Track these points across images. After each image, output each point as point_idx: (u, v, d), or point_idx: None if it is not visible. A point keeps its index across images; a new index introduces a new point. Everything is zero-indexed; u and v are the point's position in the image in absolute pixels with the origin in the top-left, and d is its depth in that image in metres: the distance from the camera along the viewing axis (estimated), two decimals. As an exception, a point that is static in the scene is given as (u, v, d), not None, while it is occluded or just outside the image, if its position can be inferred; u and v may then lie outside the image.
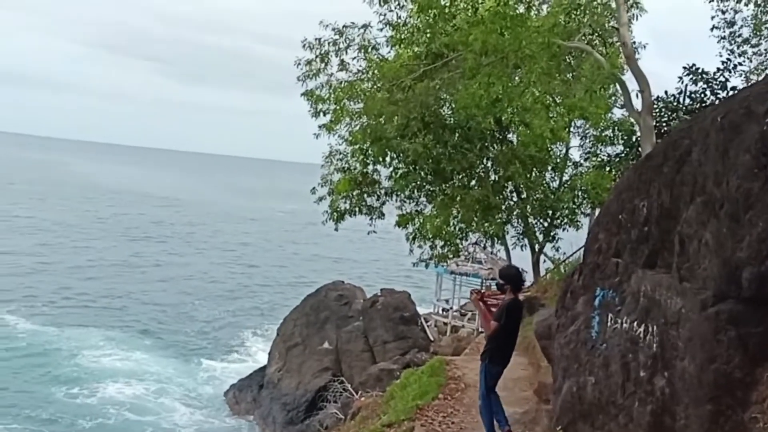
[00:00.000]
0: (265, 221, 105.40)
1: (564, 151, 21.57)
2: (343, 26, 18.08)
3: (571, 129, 20.95)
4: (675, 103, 16.29)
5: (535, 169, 20.34)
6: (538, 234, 20.68)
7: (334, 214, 19.80)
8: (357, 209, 19.85)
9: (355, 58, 18.68)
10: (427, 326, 30.50)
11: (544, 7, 17.09)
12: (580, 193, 19.89)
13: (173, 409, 30.22)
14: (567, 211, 20.08)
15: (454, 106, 18.39)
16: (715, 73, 16.01)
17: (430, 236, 19.23)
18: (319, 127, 19.25)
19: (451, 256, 21.22)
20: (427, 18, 17.10)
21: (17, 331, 38.26)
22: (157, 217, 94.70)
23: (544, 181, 20.78)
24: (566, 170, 21.18)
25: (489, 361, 7.64)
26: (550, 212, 20.22)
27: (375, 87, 18.73)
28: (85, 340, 37.46)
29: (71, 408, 29.33)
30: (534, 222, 20.66)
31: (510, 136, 20.88)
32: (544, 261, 21.67)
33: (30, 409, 28.69)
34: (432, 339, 29.38)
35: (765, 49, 17.35)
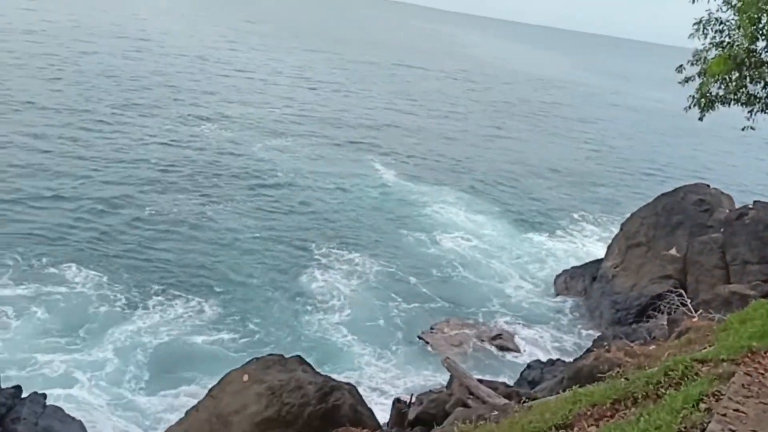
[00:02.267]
0: (633, 110, 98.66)
1: None
2: None
3: None
4: None
5: None
6: None
7: (702, 100, 16.31)
8: (734, 97, 16.01)
9: None
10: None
11: None
12: None
13: (505, 277, 31.10)
14: None
15: None
16: None
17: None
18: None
19: None
20: None
21: (384, 180, 43.27)
22: (524, 95, 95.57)
23: None
24: None
25: None
26: None
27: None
28: (437, 196, 40.70)
29: (417, 253, 32.41)
30: None
31: None
32: None
33: (377, 247, 32.53)
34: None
35: None
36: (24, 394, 11.73)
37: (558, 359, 21.52)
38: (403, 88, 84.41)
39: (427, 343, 23.63)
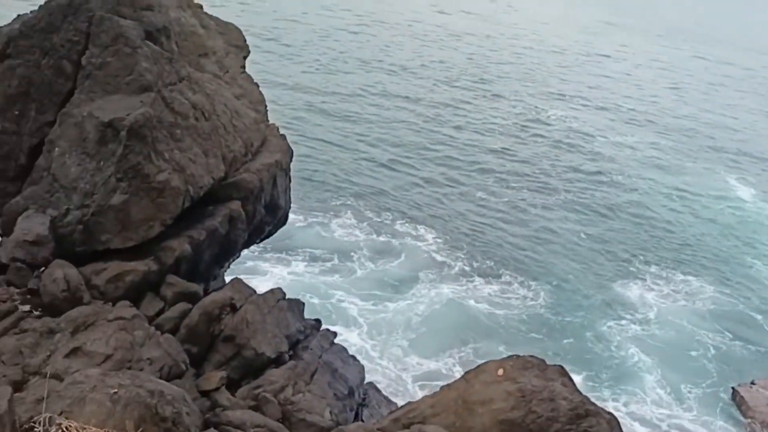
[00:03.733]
0: None
1: None
2: None
3: None
4: None
5: None
6: None
7: None
8: None
9: None
10: None
11: None
12: None
13: None
14: None
15: None
16: None
17: None
18: None
19: None
20: None
21: (739, 198, 37.59)
22: None
23: None
24: None
25: None
26: None
27: None
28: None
29: None
30: None
31: None
32: None
33: (719, 273, 28.57)
34: None
35: None
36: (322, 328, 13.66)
37: None
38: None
39: (741, 397, 20.06)
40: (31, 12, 12.49)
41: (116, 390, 6.55)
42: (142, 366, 8.89)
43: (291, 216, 27.02)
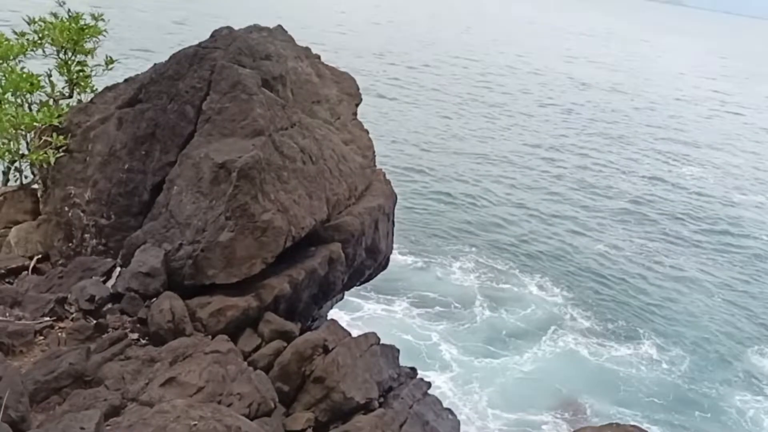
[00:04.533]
0: None
1: None
2: None
3: None
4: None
5: None
6: None
7: None
8: None
9: None
10: None
11: None
12: None
13: None
14: None
15: None
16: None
17: None
18: None
19: None
20: None
21: None
22: None
23: None
24: None
25: None
26: None
27: None
28: None
29: None
30: None
31: None
32: None
33: None
34: None
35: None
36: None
37: None
38: None
39: None
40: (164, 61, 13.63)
41: (196, 422, 6.71)
42: (231, 400, 9.09)
43: (404, 258, 27.29)
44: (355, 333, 12.45)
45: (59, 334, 10.24)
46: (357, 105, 16.70)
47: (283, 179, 11.96)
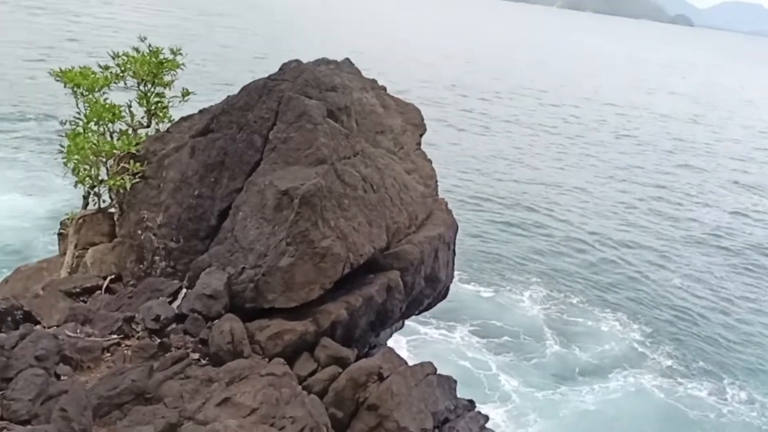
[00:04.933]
0: None
1: None
2: None
3: None
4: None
5: None
6: None
7: None
8: None
9: None
10: None
11: None
12: None
13: None
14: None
15: None
16: None
17: None
18: None
19: None
20: None
21: None
22: None
23: None
24: None
25: None
26: None
27: None
28: None
29: None
30: None
31: None
32: None
33: None
34: None
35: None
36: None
37: None
38: None
39: None
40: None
41: (245, 443, 6.83)
42: (284, 424, 9.19)
43: (470, 286, 27.03)
44: (413, 359, 12.40)
45: (125, 351, 10.69)
46: (421, 135, 16.84)
47: (343, 207, 12.15)
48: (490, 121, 64.14)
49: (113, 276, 13.66)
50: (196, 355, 10.68)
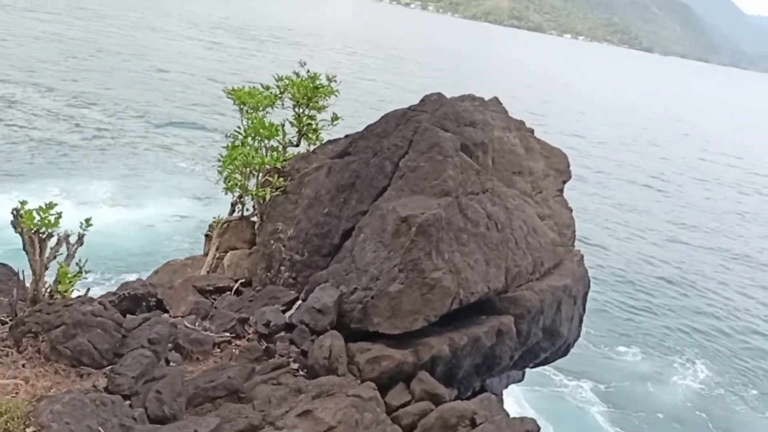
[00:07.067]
0: None
1: None
2: None
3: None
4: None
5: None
6: None
7: None
8: None
9: None
10: None
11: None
12: None
13: None
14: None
15: None
16: None
17: None
18: None
19: None
20: None
21: None
22: None
23: None
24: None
25: None
26: None
27: None
28: None
29: None
30: None
31: None
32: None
33: None
34: None
35: None
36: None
37: None
38: None
39: None
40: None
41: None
42: (360, 448, 9.08)
43: (610, 347, 25.02)
44: (520, 413, 11.71)
45: (234, 350, 11.24)
46: (564, 182, 16.12)
47: (461, 241, 11.92)
48: (667, 181, 59.98)
49: (244, 280, 14.51)
50: (295, 366, 10.94)
